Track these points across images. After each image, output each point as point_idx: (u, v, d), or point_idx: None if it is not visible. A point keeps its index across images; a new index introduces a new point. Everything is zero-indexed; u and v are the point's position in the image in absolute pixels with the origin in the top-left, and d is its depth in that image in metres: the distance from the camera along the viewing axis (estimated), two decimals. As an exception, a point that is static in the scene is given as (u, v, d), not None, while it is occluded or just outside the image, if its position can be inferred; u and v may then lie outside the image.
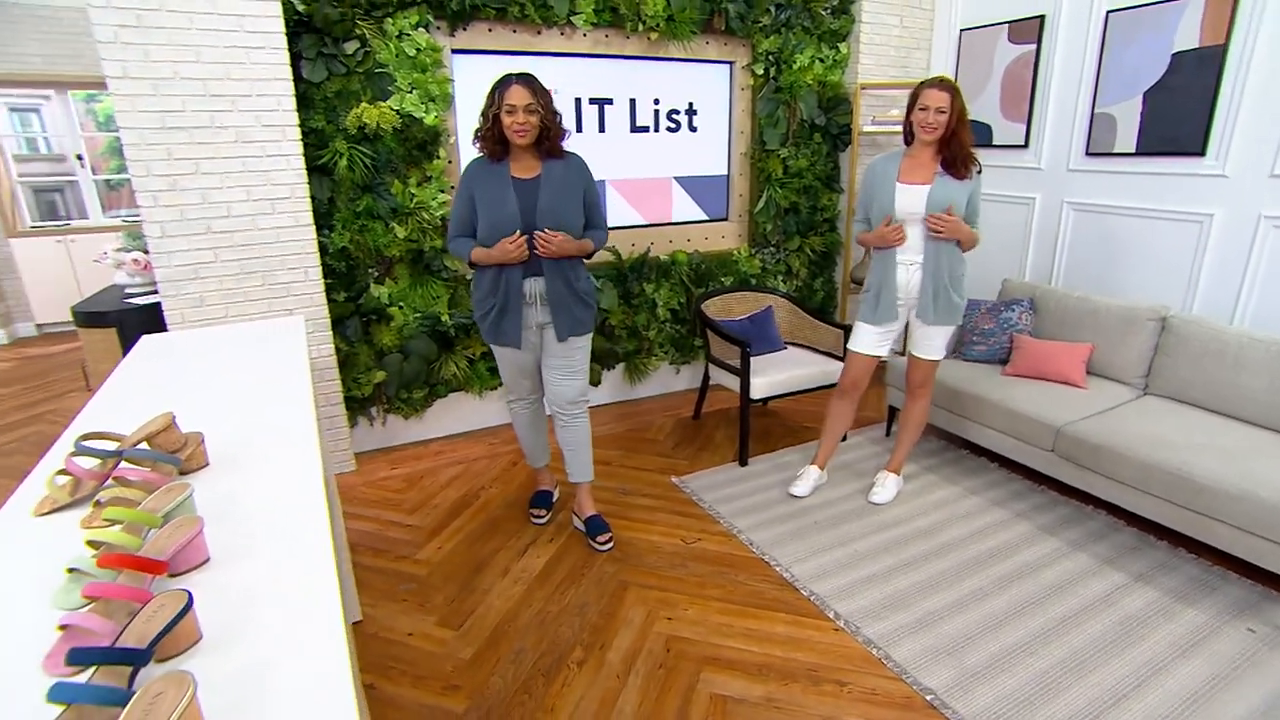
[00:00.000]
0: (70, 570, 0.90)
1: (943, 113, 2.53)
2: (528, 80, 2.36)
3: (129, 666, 0.72)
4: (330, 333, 3.17)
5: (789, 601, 2.43)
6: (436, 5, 3.19)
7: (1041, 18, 3.79)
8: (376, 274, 3.35)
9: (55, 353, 6.18)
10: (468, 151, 3.47)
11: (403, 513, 3.03)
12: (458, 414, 3.78)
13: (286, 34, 2.83)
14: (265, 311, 3.01)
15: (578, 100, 3.82)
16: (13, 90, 6.77)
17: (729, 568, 2.63)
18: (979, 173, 2.67)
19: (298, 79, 2.94)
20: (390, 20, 3.10)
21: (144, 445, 1.17)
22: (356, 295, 3.31)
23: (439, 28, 3.27)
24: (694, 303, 3.95)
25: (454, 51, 3.37)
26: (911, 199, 2.66)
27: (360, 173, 3.13)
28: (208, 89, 2.74)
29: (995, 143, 4.15)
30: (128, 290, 3.44)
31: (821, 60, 4.25)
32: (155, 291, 3.40)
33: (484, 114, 2.42)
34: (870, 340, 2.91)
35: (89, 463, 1.19)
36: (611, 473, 3.38)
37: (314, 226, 3.03)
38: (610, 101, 3.94)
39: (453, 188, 3.41)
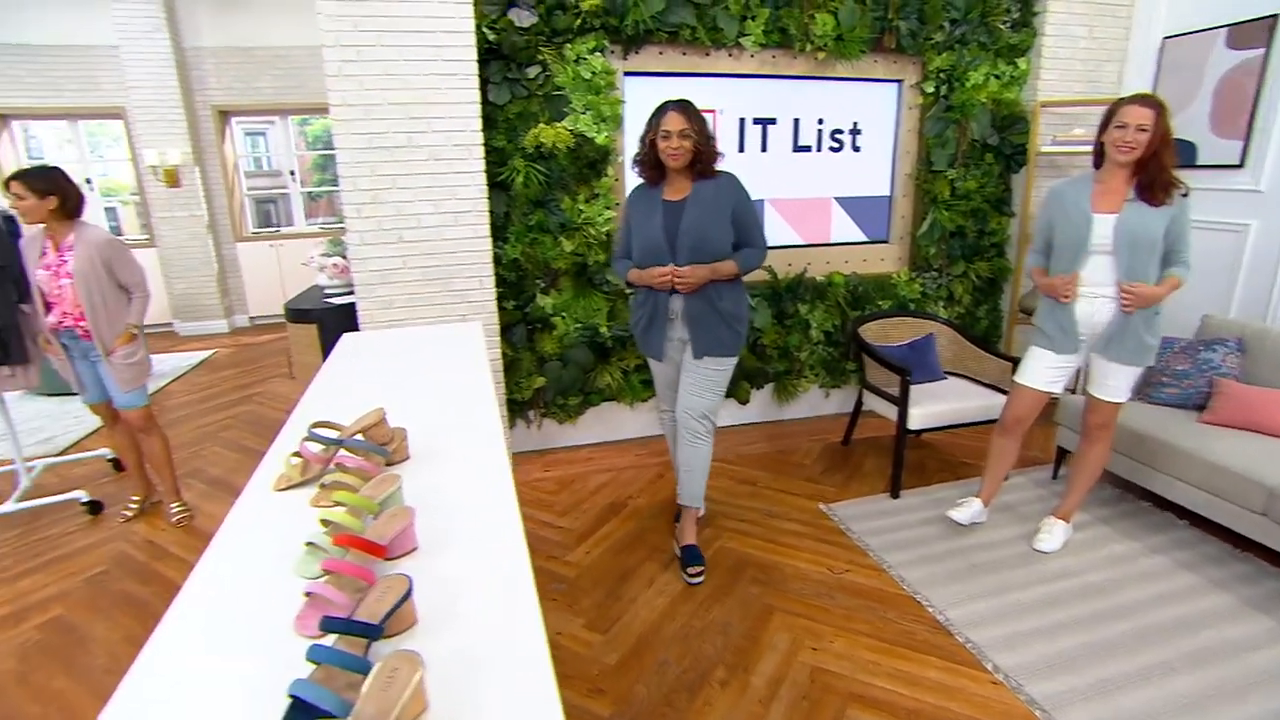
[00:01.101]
0: (309, 544, 1.03)
1: (1144, 130, 2.32)
2: (683, 106, 2.42)
3: (366, 639, 0.82)
4: (498, 338, 3.39)
5: (942, 646, 2.30)
6: (612, 31, 3.34)
7: (1274, 18, 3.37)
8: (543, 285, 3.54)
9: (263, 341, 7.02)
10: (633, 171, 3.60)
11: (554, 514, 3.17)
12: (609, 423, 3.90)
13: (477, 61, 3.07)
14: (443, 316, 3.26)
15: (741, 120, 3.85)
16: (249, 117, 7.78)
17: (878, 603, 2.53)
18: (1184, 196, 2.41)
19: (484, 102, 3.18)
20: (569, 46, 3.28)
21: (359, 437, 1.31)
22: (524, 304, 3.51)
23: (613, 52, 3.42)
24: (850, 326, 3.85)
25: (626, 74, 3.51)
26: (1100, 228, 2.45)
27: (534, 189, 3.33)
28: (408, 113, 3.03)
29: (1200, 163, 3.73)
30: (327, 291, 3.85)
31: (997, 77, 4.02)
32: (350, 293, 3.78)
33: (642, 139, 2.51)
34: (1043, 374, 2.70)
35: (315, 448, 1.35)
36: (758, 494, 3.35)
37: (491, 239, 3.25)
38: (774, 121, 3.94)
39: (618, 205, 3.55)
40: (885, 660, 2.24)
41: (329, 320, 3.51)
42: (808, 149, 4.06)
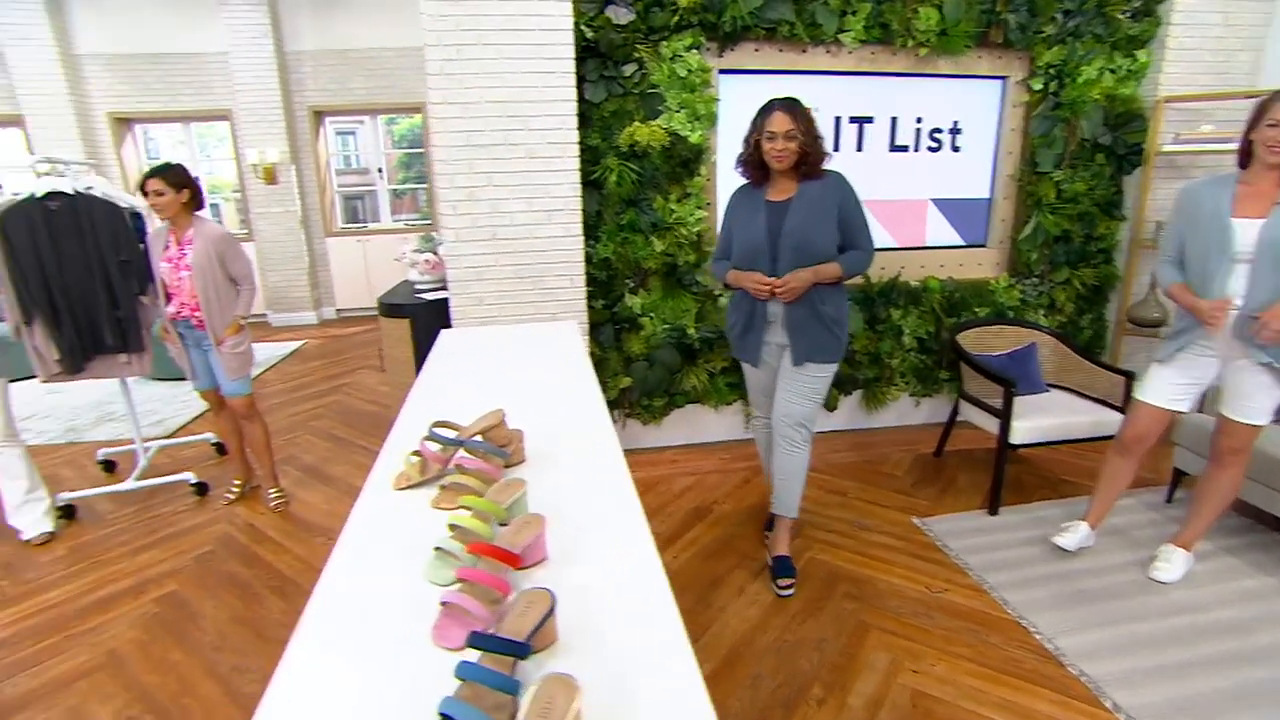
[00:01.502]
0: (438, 549, 1.02)
1: None
2: (789, 106, 2.34)
3: (513, 657, 0.79)
4: (587, 337, 3.38)
5: (1053, 677, 2.16)
6: (709, 27, 3.29)
7: None
8: (632, 284, 3.52)
9: (350, 334, 7.27)
10: (727, 170, 3.54)
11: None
12: (694, 425, 3.86)
13: (574, 59, 3.07)
14: (533, 314, 3.28)
15: (837, 119, 3.74)
16: (340, 117, 8.07)
17: (980, 626, 2.40)
18: None
19: (580, 100, 3.18)
20: (666, 43, 3.25)
21: (478, 438, 1.30)
22: (612, 304, 3.50)
23: (709, 49, 3.37)
24: (945, 333, 3.70)
25: (720, 72, 3.45)
26: (1241, 235, 2.25)
27: (627, 188, 3.31)
28: (505, 110, 3.05)
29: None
30: (417, 286, 3.93)
31: (1112, 71, 3.78)
32: (440, 288, 3.85)
33: (746, 140, 2.45)
34: (1167, 390, 2.51)
35: (434, 447, 1.35)
36: (848, 504, 3.25)
37: (583, 237, 3.25)
38: (870, 120, 3.81)
39: (709, 205, 3.50)
40: (991, 688, 2.12)
41: (421, 315, 3.58)
42: (905, 149, 3.91)
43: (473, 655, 0.80)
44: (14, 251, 3.00)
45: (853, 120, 3.77)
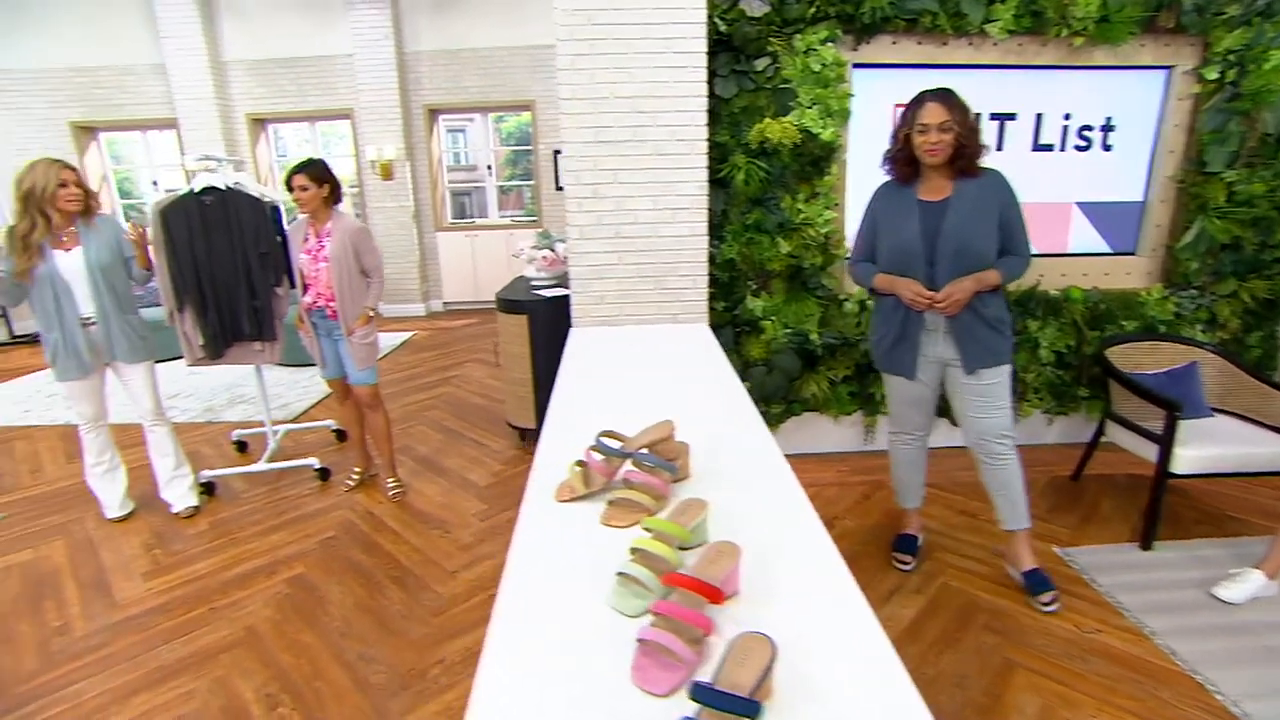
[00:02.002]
0: (622, 575, 0.94)
1: None
2: (943, 96, 2.18)
3: (741, 717, 0.70)
4: (705, 340, 3.30)
5: (1239, 744, 1.92)
6: (846, 19, 3.14)
7: None
8: (755, 286, 3.41)
9: (456, 326, 7.46)
10: (857, 169, 3.38)
11: (753, 527, 3.03)
12: (811, 434, 3.70)
13: (706, 54, 2.98)
14: (654, 315, 3.22)
15: (977, 116, 3.49)
16: (453, 115, 8.29)
17: (1146, 677, 2.16)
18: None
19: (709, 95, 3.08)
20: (800, 36, 3.12)
21: (645, 450, 1.23)
22: (733, 305, 3.40)
23: (844, 42, 3.22)
24: (1086, 347, 3.41)
25: (855, 66, 3.29)
26: None
27: (754, 186, 3.20)
28: (635, 106, 2.99)
29: None
30: (533, 282, 3.95)
31: (1308, 56, 3.37)
32: (557, 285, 3.85)
33: (894, 135, 2.31)
34: None
35: (598, 457, 1.29)
36: (979, 528, 3.03)
37: (708, 237, 3.16)
38: (1013, 117, 3.55)
39: (838, 205, 3.35)
40: (1165, 749, 1.90)
41: (539, 312, 3.58)
42: (1049, 148, 3.63)
43: (688, 705, 0.72)
44: (173, 243, 3.19)
45: (993, 117, 3.52)
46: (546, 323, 3.59)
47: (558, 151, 7.75)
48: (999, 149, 3.56)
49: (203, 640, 2.39)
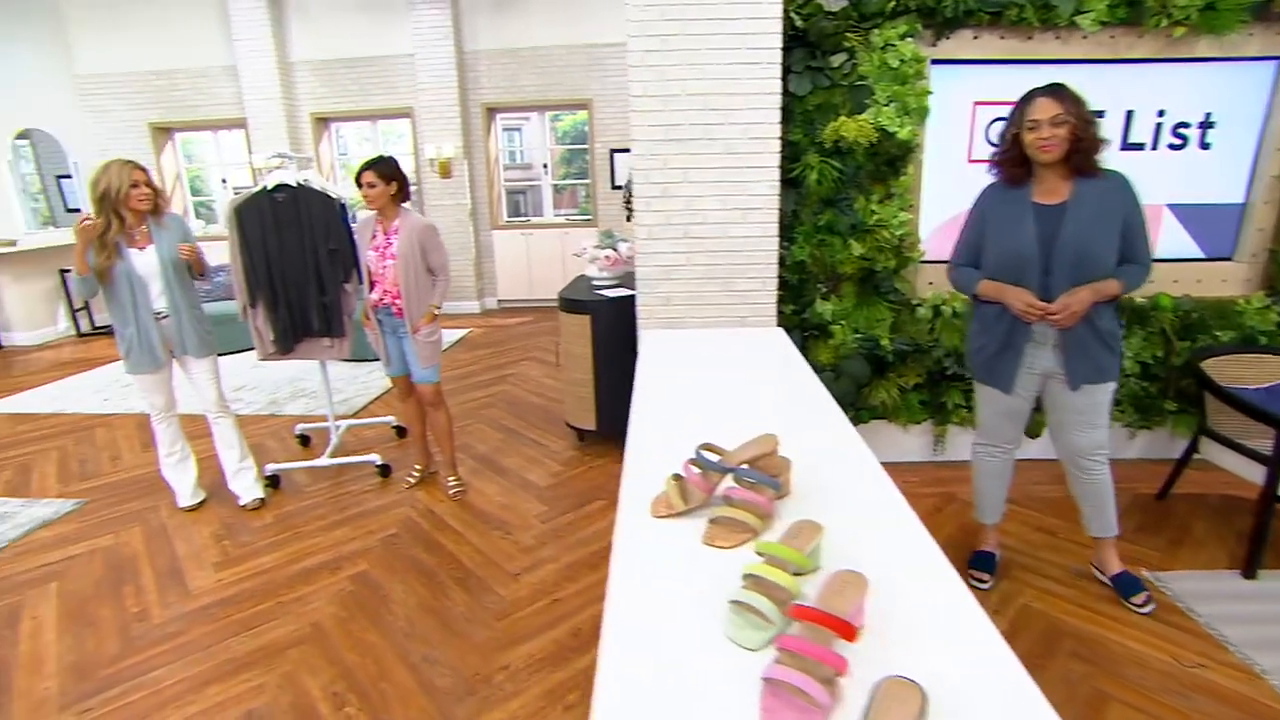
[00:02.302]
0: (736, 604, 0.87)
1: None
2: (1055, 91, 2.06)
3: None
4: (772, 344, 3.21)
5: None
6: (926, 13, 3.02)
7: None
8: (824, 289, 3.31)
9: (511, 324, 7.49)
10: (934, 169, 3.26)
11: (821, 538, 2.93)
12: (879, 443, 3.57)
13: (781, 49, 2.90)
14: (720, 317, 3.15)
15: (1098, 113, 3.32)
16: (510, 114, 8.34)
17: None
18: None
19: (783, 92, 3.00)
20: (878, 31, 3.01)
21: (746, 465, 1.16)
22: (801, 309, 3.31)
23: (923, 37, 3.09)
24: (1175, 358, 3.21)
25: (933, 62, 3.16)
26: None
27: (827, 186, 3.10)
28: (706, 104, 2.93)
29: None
30: (594, 282, 3.91)
31: None
32: (618, 286, 3.81)
33: (1002, 135, 2.19)
34: None
35: (696, 471, 1.22)
36: (1059, 546, 2.88)
37: (778, 238, 3.08)
38: (1101, 115, 3.35)
39: (913, 207, 3.23)
40: (1285, 800, 1.75)
41: (602, 313, 3.55)
42: (1139, 147, 3.43)
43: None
44: (247, 241, 3.24)
45: (1082, 114, 3.35)
46: (609, 323, 3.55)
47: (615, 150, 7.72)
48: (1086, 148, 3.38)
49: (271, 634, 2.41)
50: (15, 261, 7.09)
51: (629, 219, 7.24)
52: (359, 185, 2.99)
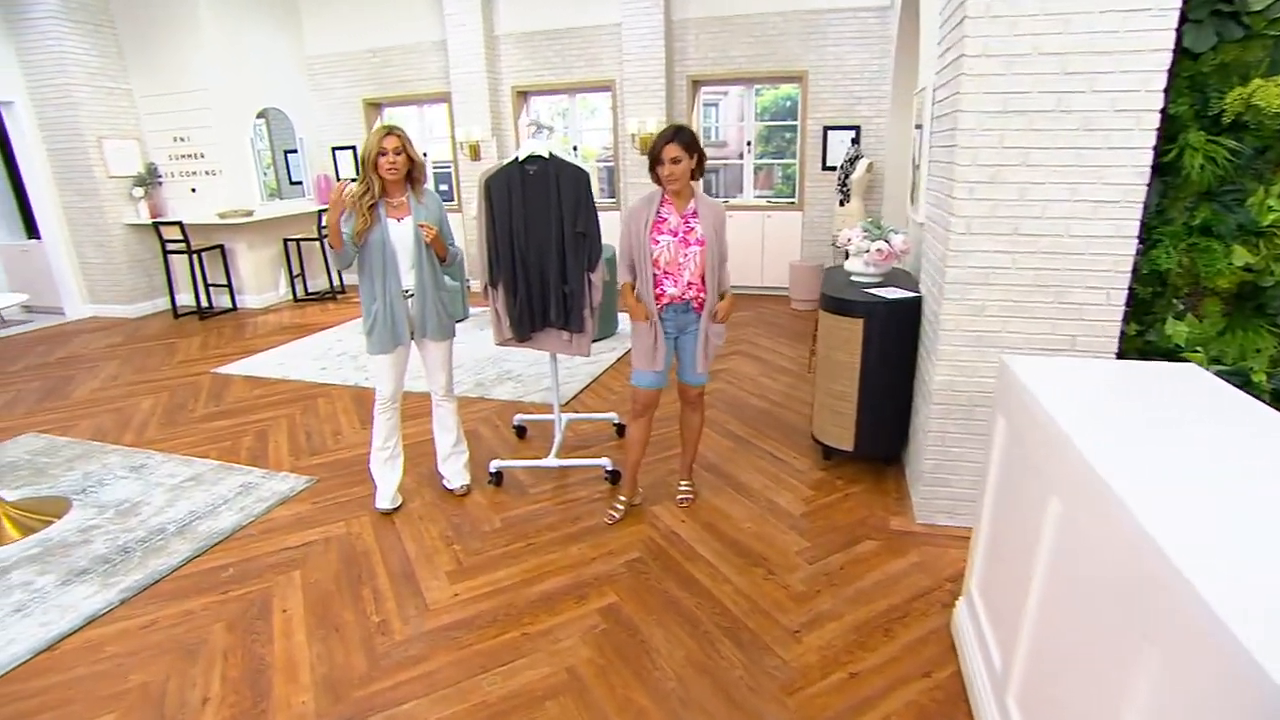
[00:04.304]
0: None
1: None
2: None
3: None
4: (1118, 373, 2.53)
5: None
6: (1398, -67, 2.17)
7: None
8: (1182, 306, 2.57)
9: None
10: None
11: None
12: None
13: (1179, -9, 2.19)
14: (1045, 333, 2.52)
15: None
16: (713, 88, 7.86)
17: None
18: None
19: (1174, 49, 2.29)
20: (1321, -39, 2.21)
21: None
22: (1145, 328, 2.60)
23: (1383, -32, 2.25)
24: None
25: (1391, 2, 2.30)
26: None
27: (1209, 175, 2.36)
28: (1064, 66, 2.28)
29: None
30: (855, 278, 3.36)
31: None
32: (884, 284, 3.24)
33: None
34: None
35: None
36: None
37: (1136, 239, 2.39)
38: None
39: (1344, 200, 2.40)
40: None
41: (877, 316, 3.00)
42: None
43: None
44: (494, 216, 3.00)
45: None
46: (883, 330, 3.01)
47: (829, 128, 7.04)
48: None
49: (524, 676, 2.13)
50: (251, 230, 7.61)
51: (842, 204, 6.61)
52: (658, 163, 2.63)
